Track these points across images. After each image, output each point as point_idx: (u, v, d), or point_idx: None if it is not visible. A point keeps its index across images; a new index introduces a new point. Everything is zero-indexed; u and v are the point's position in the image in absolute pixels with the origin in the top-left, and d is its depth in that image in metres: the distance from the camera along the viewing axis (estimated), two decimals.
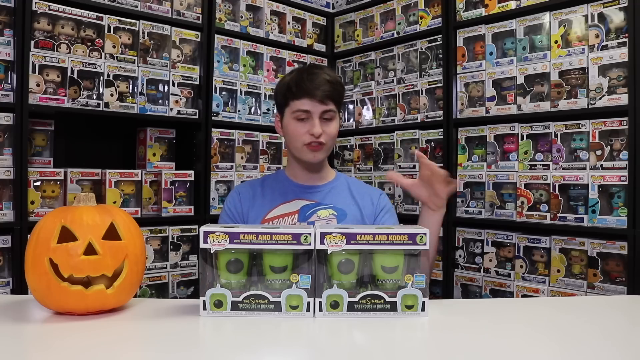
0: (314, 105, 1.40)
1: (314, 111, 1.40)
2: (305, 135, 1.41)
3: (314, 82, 1.41)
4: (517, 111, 2.23)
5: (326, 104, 1.41)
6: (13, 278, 1.95)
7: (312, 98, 1.39)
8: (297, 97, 1.41)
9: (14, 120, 1.95)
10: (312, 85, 1.40)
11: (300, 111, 1.41)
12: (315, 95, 1.39)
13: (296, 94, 1.41)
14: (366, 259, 1.00)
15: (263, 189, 1.53)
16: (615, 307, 1.15)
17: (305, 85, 1.40)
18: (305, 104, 1.40)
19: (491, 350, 0.84)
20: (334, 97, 1.43)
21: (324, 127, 1.42)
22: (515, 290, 2.20)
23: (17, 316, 1.01)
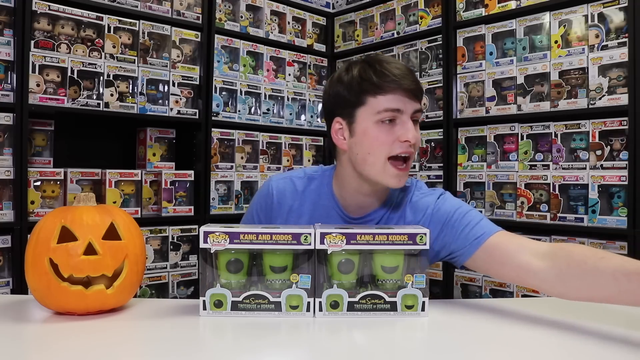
0: (407, 102, 1.07)
1: (406, 110, 1.07)
2: (394, 144, 1.07)
3: (398, 70, 1.08)
4: (517, 111, 2.23)
5: (419, 99, 1.10)
6: (13, 278, 1.95)
7: (404, 92, 1.06)
8: (382, 91, 1.06)
9: (14, 120, 1.95)
10: (399, 74, 1.07)
11: (389, 110, 1.06)
12: (407, 87, 1.06)
13: (381, 86, 1.06)
14: (366, 259, 1.00)
15: (302, 203, 1.21)
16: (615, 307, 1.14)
17: (390, 74, 1.06)
18: (395, 100, 1.06)
19: (491, 350, 0.84)
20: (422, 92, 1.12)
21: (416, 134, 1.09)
22: (515, 290, 2.19)
23: (17, 316, 1.01)
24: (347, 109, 1.11)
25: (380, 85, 1.06)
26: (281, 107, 2.81)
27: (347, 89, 1.10)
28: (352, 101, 1.10)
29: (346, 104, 1.11)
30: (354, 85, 1.09)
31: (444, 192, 1.21)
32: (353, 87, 1.09)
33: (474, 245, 1.09)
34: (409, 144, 1.08)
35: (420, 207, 1.18)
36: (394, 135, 1.07)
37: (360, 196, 1.17)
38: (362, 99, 1.08)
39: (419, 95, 1.09)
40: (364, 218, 1.19)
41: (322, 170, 1.27)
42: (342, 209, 1.20)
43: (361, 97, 1.08)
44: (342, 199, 1.19)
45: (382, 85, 1.06)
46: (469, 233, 1.10)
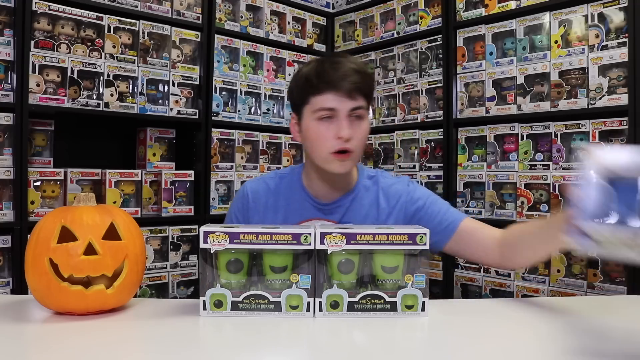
0: (341, 100, 1.15)
1: (340, 108, 1.16)
2: (331, 140, 1.16)
3: (339, 71, 1.15)
4: (517, 111, 2.23)
5: (355, 98, 1.16)
6: (13, 278, 1.95)
7: (338, 92, 1.15)
8: (319, 92, 1.16)
9: (14, 120, 1.95)
10: (337, 76, 1.15)
11: (324, 109, 1.16)
12: (342, 87, 1.14)
13: (319, 87, 1.16)
14: (366, 259, 1.00)
15: (276, 199, 1.30)
16: (615, 307, 1.14)
17: (328, 76, 1.15)
18: (329, 99, 1.15)
19: (491, 350, 0.84)
20: (364, 89, 1.18)
21: (354, 129, 1.17)
22: (515, 290, 2.20)
23: (17, 316, 1.01)
24: (296, 106, 1.24)
25: (317, 87, 1.16)
26: (281, 107, 2.81)
27: (296, 87, 1.23)
28: (299, 100, 1.22)
29: (296, 102, 1.24)
30: (300, 85, 1.21)
31: (410, 180, 1.35)
32: (299, 87, 1.21)
33: (448, 232, 1.25)
34: (343, 140, 1.16)
35: (392, 194, 1.30)
36: (331, 132, 1.17)
37: (325, 182, 1.27)
38: (306, 98, 1.19)
39: (354, 94, 1.16)
40: (336, 203, 1.28)
41: (292, 169, 1.38)
42: (313, 198, 1.29)
43: (304, 97, 1.20)
44: (311, 189, 1.29)
45: (318, 87, 1.16)
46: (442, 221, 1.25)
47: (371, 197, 1.29)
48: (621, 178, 0.74)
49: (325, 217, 1.28)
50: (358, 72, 1.17)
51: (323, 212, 1.28)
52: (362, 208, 1.28)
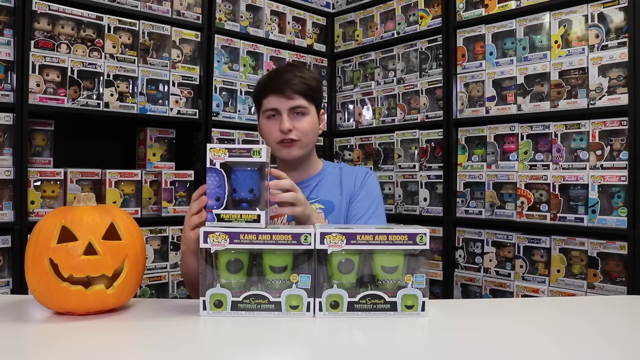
0: (280, 101, 1.40)
1: (281, 108, 1.40)
2: (276, 133, 1.41)
3: (281, 78, 1.41)
4: (517, 111, 2.23)
5: (293, 98, 1.40)
6: (13, 278, 1.95)
7: (279, 95, 1.39)
8: (264, 96, 1.42)
9: (14, 120, 1.95)
10: (279, 82, 1.40)
11: (269, 110, 1.41)
12: (282, 91, 1.39)
13: (264, 92, 1.42)
14: (366, 259, 1.00)
15: None
16: (615, 307, 1.15)
17: (271, 83, 1.41)
18: (272, 101, 1.40)
19: (491, 350, 0.84)
20: (304, 91, 1.41)
21: (295, 123, 1.40)
22: (515, 290, 2.20)
23: (17, 316, 1.01)
24: (256, 109, 1.51)
25: (263, 91, 1.43)
26: None
27: (253, 93, 1.51)
28: (256, 103, 1.50)
29: (255, 104, 1.51)
30: (255, 92, 1.49)
31: (370, 171, 1.56)
32: (255, 93, 1.49)
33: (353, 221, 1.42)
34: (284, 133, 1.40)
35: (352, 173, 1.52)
36: (275, 127, 1.41)
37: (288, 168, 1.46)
38: (259, 101, 1.46)
39: (293, 96, 1.39)
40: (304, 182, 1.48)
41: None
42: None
43: (258, 100, 1.46)
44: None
45: (264, 91, 1.43)
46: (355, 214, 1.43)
47: (335, 178, 1.52)
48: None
49: None
50: (299, 77, 1.42)
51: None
52: (327, 186, 1.50)
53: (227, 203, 0.99)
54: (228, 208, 0.99)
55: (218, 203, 0.99)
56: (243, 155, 0.99)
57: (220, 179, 0.99)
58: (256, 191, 1.01)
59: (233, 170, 1.00)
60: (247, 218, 0.98)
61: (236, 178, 1.00)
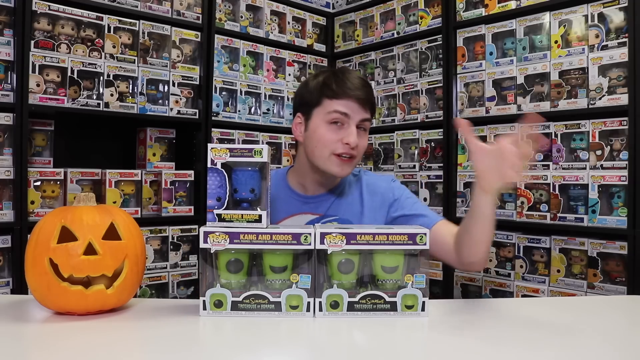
0: (355, 109, 1.24)
1: (353, 116, 1.24)
2: (337, 144, 1.23)
3: (355, 82, 1.25)
4: (517, 111, 2.23)
5: (366, 110, 1.26)
6: (13, 278, 1.95)
7: (355, 100, 1.23)
8: (337, 97, 1.23)
9: (14, 120, 1.95)
10: (354, 85, 1.24)
11: (339, 113, 1.23)
12: (359, 97, 1.23)
13: (337, 92, 1.23)
14: (366, 259, 1.00)
15: None
16: (615, 307, 1.15)
17: (347, 84, 1.24)
18: (345, 105, 1.23)
19: (491, 351, 0.84)
20: (372, 104, 1.29)
21: (359, 139, 1.25)
22: (515, 290, 2.20)
23: (17, 316, 1.01)
24: (307, 107, 1.30)
25: (336, 91, 1.24)
26: (281, 107, 2.81)
27: (311, 91, 1.29)
28: (312, 101, 1.28)
29: (307, 103, 1.30)
30: (317, 88, 1.28)
31: (394, 178, 1.43)
32: (316, 90, 1.28)
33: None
34: (350, 147, 1.24)
35: (375, 190, 1.37)
36: (339, 137, 1.24)
37: (314, 181, 1.34)
38: (320, 100, 1.26)
39: (367, 106, 1.26)
40: (321, 197, 1.35)
41: (275, 172, 1.45)
42: (298, 193, 1.37)
43: (320, 99, 1.26)
44: (297, 186, 1.37)
45: (337, 91, 1.24)
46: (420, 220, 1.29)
47: (355, 192, 1.37)
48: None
49: (310, 210, 1.34)
50: (369, 87, 1.28)
51: (309, 206, 1.34)
52: (347, 202, 1.35)
53: (228, 203, 0.99)
54: (229, 208, 0.99)
55: (219, 203, 0.99)
56: (244, 155, 0.99)
57: (222, 179, 0.99)
58: (257, 191, 1.01)
59: (234, 170, 1.00)
60: (248, 218, 0.98)
61: (237, 178, 1.00)
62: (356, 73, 1.32)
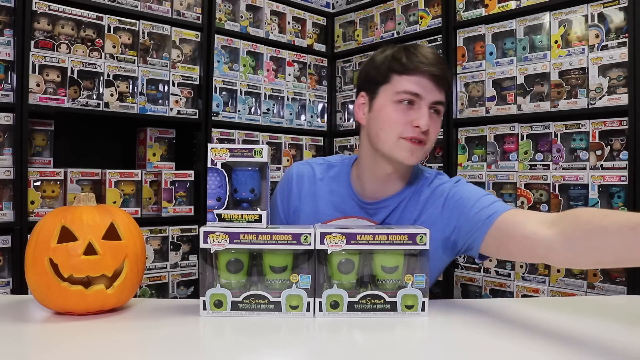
0: (427, 88, 1.08)
1: (425, 96, 1.08)
2: (406, 126, 1.08)
3: (429, 56, 1.09)
4: (517, 111, 2.23)
5: (441, 91, 1.10)
6: (13, 278, 1.95)
7: (428, 77, 1.07)
8: (407, 72, 1.08)
9: (14, 120, 1.95)
10: (428, 60, 1.08)
11: (409, 93, 1.08)
12: (433, 73, 1.07)
13: (407, 67, 1.08)
14: (366, 259, 1.00)
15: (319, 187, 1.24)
16: (615, 307, 1.15)
17: (419, 57, 1.08)
18: (417, 83, 1.07)
19: (491, 351, 0.84)
20: (448, 83, 1.12)
21: (431, 123, 1.09)
22: (515, 290, 2.20)
23: (17, 316, 1.01)
24: (372, 85, 1.14)
25: (407, 66, 1.08)
26: (281, 107, 2.82)
27: (377, 66, 1.14)
28: (379, 78, 1.13)
29: (373, 80, 1.14)
30: (385, 63, 1.12)
31: (460, 178, 1.21)
32: (383, 65, 1.12)
33: (486, 225, 1.04)
34: (420, 130, 1.08)
35: (437, 194, 1.17)
36: (408, 118, 1.08)
37: (376, 180, 1.18)
38: (388, 76, 1.11)
39: (442, 84, 1.09)
40: (381, 203, 1.19)
41: (342, 159, 1.30)
42: (358, 195, 1.21)
43: (387, 75, 1.11)
44: (359, 185, 1.21)
45: (409, 66, 1.08)
46: (480, 214, 1.06)
47: (420, 200, 1.17)
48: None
49: (367, 216, 1.20)
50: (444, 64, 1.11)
51: (366, 212, 1.20)
52: (408, 212, 1.17)
53: (228, 203, 0.99)
54: (229, 208, 0.99)
55: (219, 203, 0.99)
56: (244, 155, 0.99)
57: (222, 178, 0.99)
58: (257, 191, 1.01)
59: (234, 170, 1.00)
60: (248, 218, 0.98)
61: (237, 178, 1.00)
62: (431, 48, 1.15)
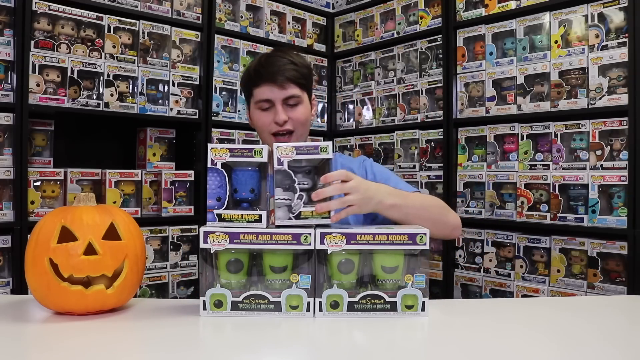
0: (274, 92, 1.32)
1: (275, 98, 1.32)
2: (270, 125, 1.34)
3: (273, 66, 1.32)
4: (517, 111, 2.23)
5: (286, 88, 1.32)
6: (13, 278, 1.95)
7: (272, 84, 1.31)
8: (256, 85, 1.33)
9: (14, 120, 1.95)
10: (271, 70, 1.31)
11: (262, 101, 1.33)
12: (275, 80, 1.30)
13: (255, 81, 1.33)
14: (366, 259, 1.00)
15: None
16: (615, 307, 1.15)
17: (263, 70, 1.32)
18: (265, 92, 1.32)
19: (491, 350, 0.84)
20: (297, 80, 1.33)
21: (290, 113, 1.33)
22: (515, 290, 2.20)
23: (17, 316, 1.01)
24: (246, 98, 1.43)
25: (255, 80, 1.34)
26: None
27: (243, 81, 1.43)
28: (246, 92, 1.41)
29: (245, 94, 1.43)
30: (245, 80, 1.40)
31: (366, 158, 1.45)
32: (244, 81, 1.41)
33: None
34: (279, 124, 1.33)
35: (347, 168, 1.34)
36: (270, 118, 1.34)
37: None
38: (250, 90, 1.37)
39: (287, 85, 1.32)
40: None
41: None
42: None
43: (249, 89, 1.38)
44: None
45: (255, 80, 1.34)
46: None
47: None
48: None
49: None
50: (292, 64, 1.33)
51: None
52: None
53: (228, 203, 0.99)
54: (229, 208, 0.99)
55: (219, 203, 0.99)
56: (244, 155, 0.99)
57: (221, 178, 0.99)
58: (257, 191, 1.01)
59: (234, 170, 1.00)
60: (248, 218, 0.98)
61: (237, 178, 1.00)
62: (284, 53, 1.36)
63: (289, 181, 1.00)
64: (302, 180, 1.01)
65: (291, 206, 1.00)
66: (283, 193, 1.00)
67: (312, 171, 1.03)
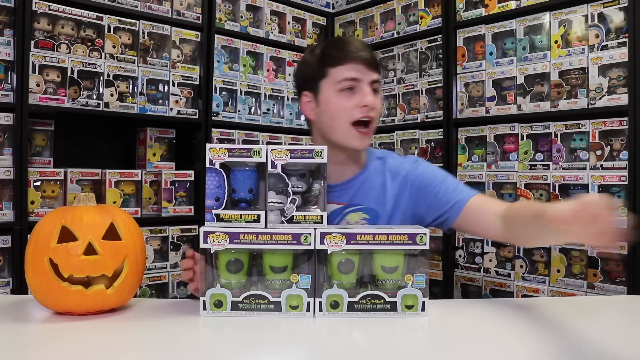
0: (363, 71, 1.20)
1: (363, 79, 1.20)
2: (354, 110, 1.19)
3: (356, 44, 1.22)
4: (517, 111, 2.23)
5: (373, 71, 1.22)
6: (13, 278, 1.95)
7: (361, 63, 1.20)
8: (341, 63, 1.19)
9: (14, 120, 1.95)
10: (356, 47, 1.21)
11: (347, 79, 1.19)
12: (364, 58, 1.20)
13: (340, 59, 1.19)
14: (366, 259, 1.00)
15: None
16: (615, 307, 1.15)
17: (348, 48, 1.20)
18: (352, 69, 1.19)
19: (491, 350, 0.84)
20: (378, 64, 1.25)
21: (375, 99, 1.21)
22: (515, 290, 2.20)
23: (17, 316, 1.01)
24: (312, 82, 1.25)
25: (339, 58, 1.20)
26: (281, 107, 2.81)
27: (311, 65, 1.25)
28: (316, 75, 1.23)
29: (311, 78, 1.25)
30: (317, 61, 1.23)
31: (418, 159, 1.34)
32: (317, 62, 1.23)
33: (455, 210, 1.21)
34: (368, 108, 1.20)
35: (398, 172, 1.29)
36: (354, 102, 1.19)
37: (336, 164, 1.25)
38: (325, 71, 1.22)
39: (375, 66, 1.23)
40: (345, 185, 1.28)
41: None
42: None
43: (323, 70, 1.22)
44: None
45: (340, 58, 1.20)
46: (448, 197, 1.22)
47: (380, 178, 1.29)
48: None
49: (334, 200, 1.27)
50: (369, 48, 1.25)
51: (333, 195, 1.26)
52: (371, 190, 1.27)
53: (226, 203, 0.99)
54: (227, 208, 0.99)
55: (217, 203, 0.99)
56: (243, 155, 0.99)
57: (220, 179, 0.99)
58: (255, 191, 1.01)
59: (232, 170, 1.00)
60: (247, 218, 0.98)
61: (235, 178, 1.00)
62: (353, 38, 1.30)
63: (282, 184, 0.99)
64: (295, 184, 1.01)
65: (284, 210, 0.99)
66: (276, 196, 1.00)
67: (306, 174, 1.03)
